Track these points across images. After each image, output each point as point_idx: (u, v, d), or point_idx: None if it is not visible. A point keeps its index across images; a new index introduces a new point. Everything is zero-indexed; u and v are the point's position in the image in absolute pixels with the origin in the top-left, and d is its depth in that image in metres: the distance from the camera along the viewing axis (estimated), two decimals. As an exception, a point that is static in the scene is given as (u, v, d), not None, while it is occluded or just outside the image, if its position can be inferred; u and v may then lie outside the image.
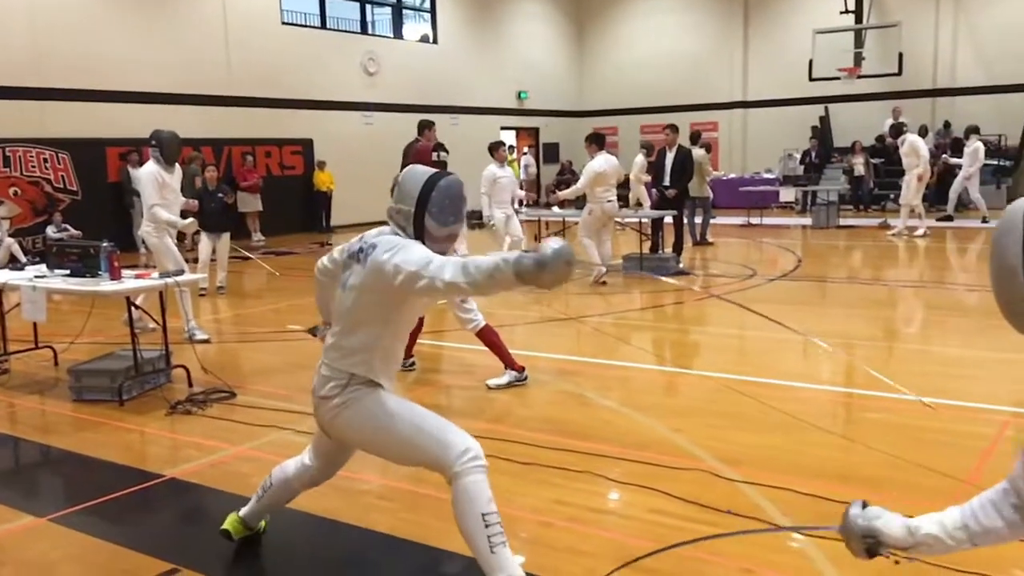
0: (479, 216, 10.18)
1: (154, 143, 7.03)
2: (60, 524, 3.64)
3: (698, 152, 12.66)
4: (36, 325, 6.42)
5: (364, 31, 19.63)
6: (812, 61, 18.32)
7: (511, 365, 5.55)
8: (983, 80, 19.61)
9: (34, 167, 13.52)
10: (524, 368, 5.60)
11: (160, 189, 6.96)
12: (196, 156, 13.75)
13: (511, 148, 19.55)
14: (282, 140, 17.36)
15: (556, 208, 12.12)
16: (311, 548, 3.38)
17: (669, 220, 11.05)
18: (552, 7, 24.58)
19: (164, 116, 12.28)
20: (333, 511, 3.60)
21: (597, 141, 9.70)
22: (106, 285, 5.53)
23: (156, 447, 4.80)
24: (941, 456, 4.03)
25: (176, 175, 7.20)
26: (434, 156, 6.30)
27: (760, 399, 5.07)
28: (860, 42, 18.89)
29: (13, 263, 7.78)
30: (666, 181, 10.95)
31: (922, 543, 1.83)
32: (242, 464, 4.32)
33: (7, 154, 13.17)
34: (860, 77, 18.77)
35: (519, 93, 23.52)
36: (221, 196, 9.68)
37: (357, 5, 19.37)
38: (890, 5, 20.18)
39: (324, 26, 18.58)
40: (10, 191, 13.19)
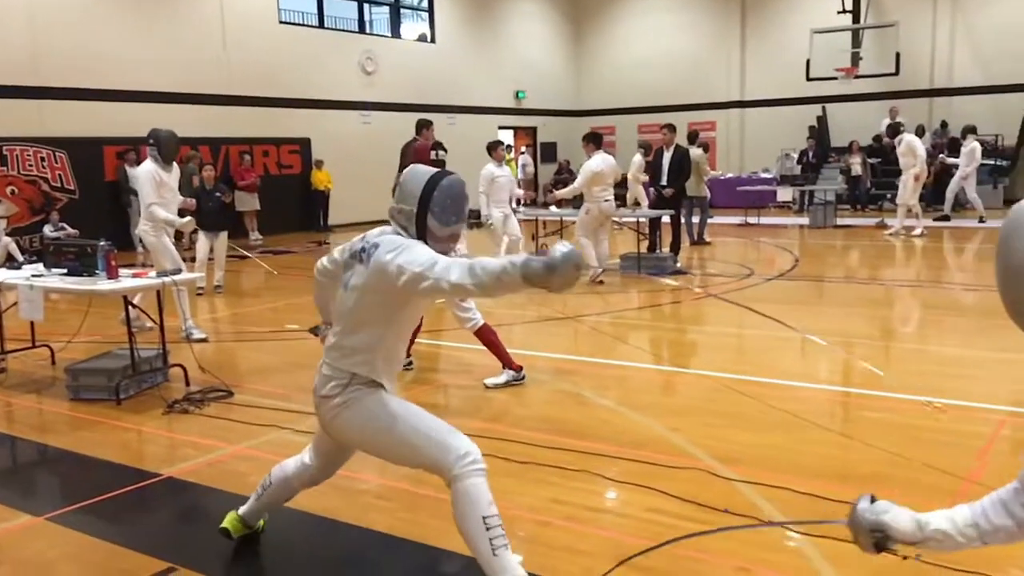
0: (477, 215, 10.18)
1: (152, 142, 7.03)
2: (57, 523, 3.64)
3: (696, 152, 12.67)
4: (33, 324, 6.41)
5: (362, 30, 19.61)
6: (809, 61, 18.32)
7: (509, 364, 5.55)
8: (980, 80, 19.63)
9: (31, 166, 13.51)
10: (522, 367, 5.60)
11: (158, 188, 6.96)
12: (194, 155, 13.75)
13: (509, 147, 19.52)
14: (280, 139, 17.36)
15: (553, 207, 12.12)
16: (309, 547, 3.38)
17: (667, 219, 11.07)
18: (550, 6, 24.58)
19: (162, 115, 12.24)
20: (332, 510, 3.60)
21: (594, 141, 9.72)
22: (103, 284, 5.52)
23: (153, 446, 4.80)
24: (939, 455, 4.03)
25: (174, 174, 7.20)
26: (432, 155, 6.31)
27: (758, 398, 5.08)
28: (857, 42, 18.91)
29: (10, 262, 7.76)
30: (664, 181, 10.97)
31: (931, 538, 1.81)
32: (239, 463, 4.32)
33: (4, 153, 13.16)
34: (857, 77, 18.77)
35: (517, 92, 23.52)
36: (219, 195, 9.67)
37: (355, 4, 19.35)
38: (887, 5, 20.20)
39: (322, 25, 18.56)
40: (7, 190, 13.17)
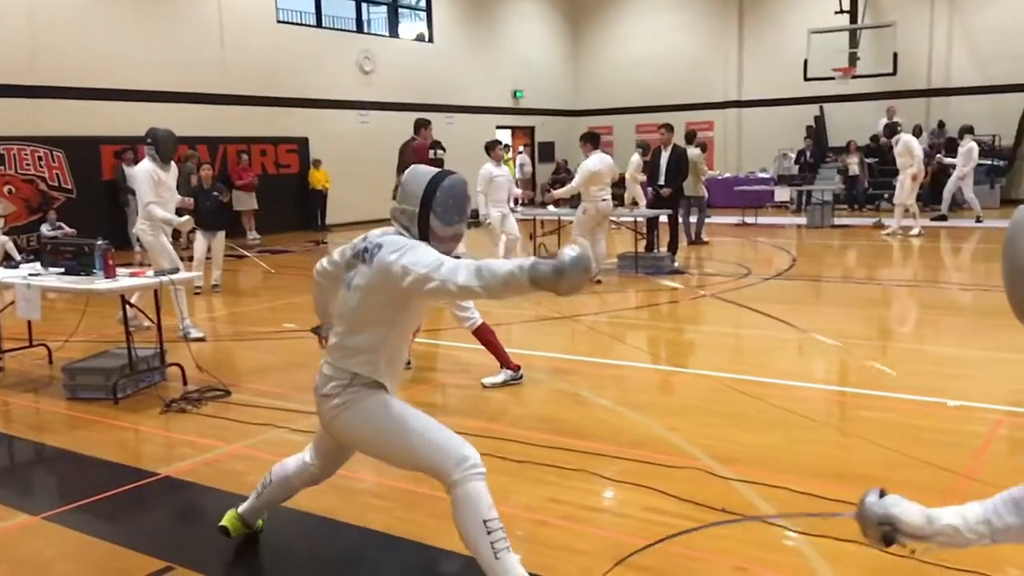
0: (475, 215, 10.18)
1: (150, 141, 7.02)
2: (54, 522, 3.63)
3: (693, 151, 12.67)
4: (30, 323, 6.40)
5: (360, 30, 19.59)
6: (807, 61, 18.33)
7: (507, 364, 5.55)
8: (978, 80, 19.65)
9: (29, 165, 13.48)
10: (520, 367, 5.60)
11: (156, 187, 6.95)
12: (191, 154, 13.72)
13: (507, 147, 19.53)
14: (278, 138, 17.33)
15: (551, 207, 12.13)
16: (308, 547, 3.38)
17: (664, 219, 11.07)
18: (548, 6, 24.57)
19: (159, 114, 12.25)
20: (330, 510, 3.60)
21: (592, 140, 9.72)
22: (101, 283, 5.51)
23: (151, 445, 4.80)
24: (937, 454, 4.04)
25: (172, 173, 7.19)
26: (431, 154, 6.32)
27: (756, 397, 5.08)
28: (855, 42, 18.93)
29: (7, 261, 7.76)
30: (661, 180, 10.98)
31: (941, 533, 1.79)
32: (237, 462, 4.32)
33: (1, 152, 13.12)
34: (855, 77, 18.79)
35: (515, 92, 23.51)
36: (216, 194, 9.66)
37: (353, 4, 19.33)
38: (885, 5, 20.22)
39: (320, 25, 18.54)
40: (5, 189, 13.15)
